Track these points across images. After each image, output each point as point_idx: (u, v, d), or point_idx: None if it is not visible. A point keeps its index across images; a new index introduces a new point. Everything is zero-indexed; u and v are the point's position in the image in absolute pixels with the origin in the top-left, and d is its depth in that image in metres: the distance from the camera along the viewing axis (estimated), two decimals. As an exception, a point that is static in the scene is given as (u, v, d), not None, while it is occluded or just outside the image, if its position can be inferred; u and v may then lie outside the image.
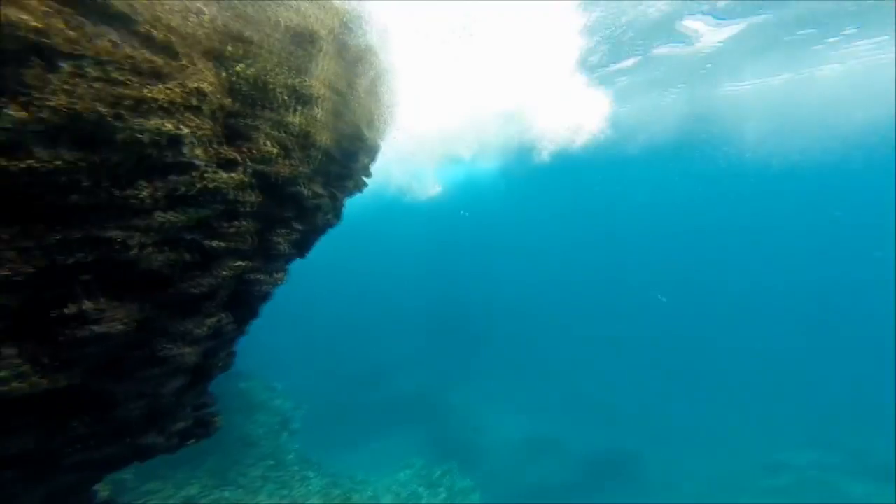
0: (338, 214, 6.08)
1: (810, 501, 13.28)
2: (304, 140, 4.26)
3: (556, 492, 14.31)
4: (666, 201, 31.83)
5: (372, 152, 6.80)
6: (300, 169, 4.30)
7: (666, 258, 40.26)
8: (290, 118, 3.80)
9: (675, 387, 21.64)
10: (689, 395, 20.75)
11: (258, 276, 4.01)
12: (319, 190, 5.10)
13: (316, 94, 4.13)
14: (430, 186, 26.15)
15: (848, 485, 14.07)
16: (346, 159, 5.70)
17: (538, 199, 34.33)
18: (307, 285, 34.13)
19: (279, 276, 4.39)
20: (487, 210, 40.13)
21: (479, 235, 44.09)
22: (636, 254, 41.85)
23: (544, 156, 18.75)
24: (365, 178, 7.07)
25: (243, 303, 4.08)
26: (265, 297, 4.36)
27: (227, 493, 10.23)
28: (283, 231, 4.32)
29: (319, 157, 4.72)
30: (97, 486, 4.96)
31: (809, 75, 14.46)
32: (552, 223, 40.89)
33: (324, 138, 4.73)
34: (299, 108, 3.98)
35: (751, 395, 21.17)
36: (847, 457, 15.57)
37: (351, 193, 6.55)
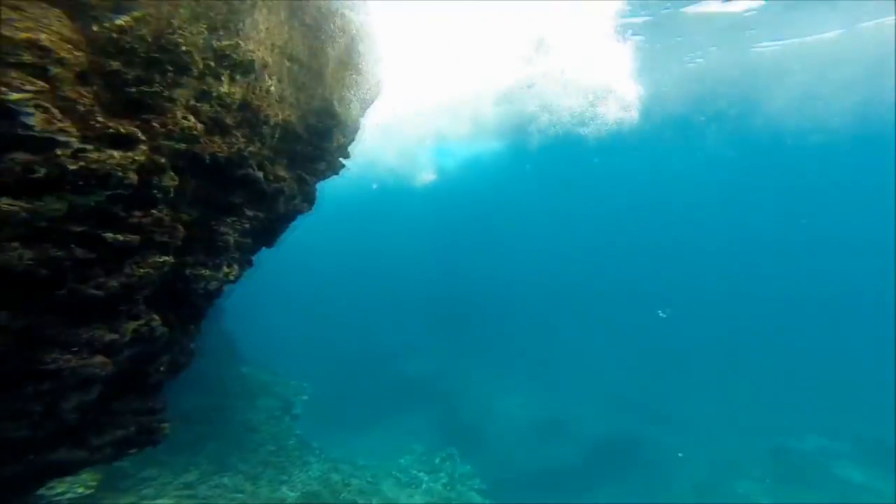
0: (309, 199, 5.46)
1: (812, 487, 12.81)
2: (250, 115, 3.66)
3: (558, 476, 14.12)
4: (675, 182, 30.14)
5: (349, 131, 6.05)
6: (249, 149, 3.71)
7: (672, 242, 38.95)
8: (221, 88, 3.19)
9: (680, 371, 21.06)
10: (693, 380, 20.19)
11: (200, 272, 3.50)
12: (282, 173, 4.52)
13: (259, 61, 3.49)
14: (426, 170, 25.32)
15: (850, 471, 13.54)
16: (315, 139, 5.07)
17: (545, 181, 33.01)
18: (313, 270, 34.25)
19: (230, 270, 3.87)
20: (494, 192, 38.95)
21: (486, 219, 43.21)
22: (643, 237, 40.60)
23: (549, 134, 17.72)
24: (342, 160, 6.43)
25: (184, 302, 3.59)
26: (213, 294, 3.87)
27: (226, 480, 10.16)
28: (231, 220, 3.77)
29: (275, 135, 4.12)
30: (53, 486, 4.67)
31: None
32: (559, 206, 39.68)
33: (281, 114, 4.12)
34: (236, 76, 3.35)
35: (756, 380, 20.53)
36: (850, 443, 15.01)
37: (325, 176, 5.94)
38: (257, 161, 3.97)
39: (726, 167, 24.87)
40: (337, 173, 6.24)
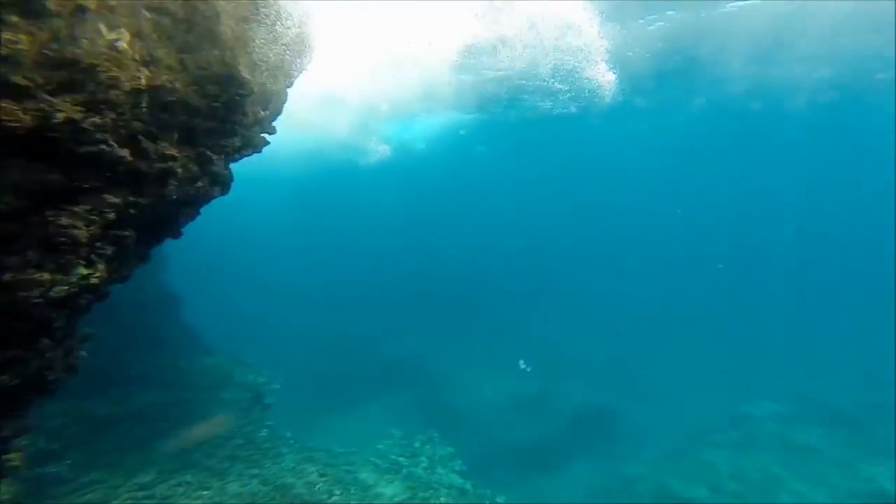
0: (220, 181, 4.57)
1: (766, 451, 13.58)
2: (81, 76, 2.79)
3: (537, 450, 14.27)
4: (646, 152, 29.96)
5: (270, 102, 5.19)
6: (91, 120, 2.86)
7: (638, 217, 39.99)
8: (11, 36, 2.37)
9: (650, 344, 21.79)
10: (662, 352, 20.95)
11: (35, 277, 2.71)
12: (171, 150, 3.66)
13: (85, 6, 2.65)
14: (384, 144, 24.07)
15: (802, 433, 14.48)
16: (221, 111, 4.14)
17: (515, 154, 32.12)
18: (282, 254, 32.50)
19: (90, 271, 3.07)
20: (465, 170, 37.91)
21: (459, 195, 42.39)
22: (613, 212, 41.40)
23: (519, 102, 16.91)
24: (266, 136, 5.48)
25: (15, 316, 2.79)
26: (59, 305, 3.04)
27: (188, 477, 9.23)
28: (82, 209, 2.95)
29: (143, 104, 3.26)
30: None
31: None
32: (529, 181, 39.32)
33: (152, 78, 3.24)
34: (39, 25, 2.50)
35: (714, 351, 21.60)
36: (800, 406, 16.04)
37: (242, 154, 4.98)
38: (118, 136, 3.10)
39: (694, 135, 25.12)
40: (258, 150, 5.40)
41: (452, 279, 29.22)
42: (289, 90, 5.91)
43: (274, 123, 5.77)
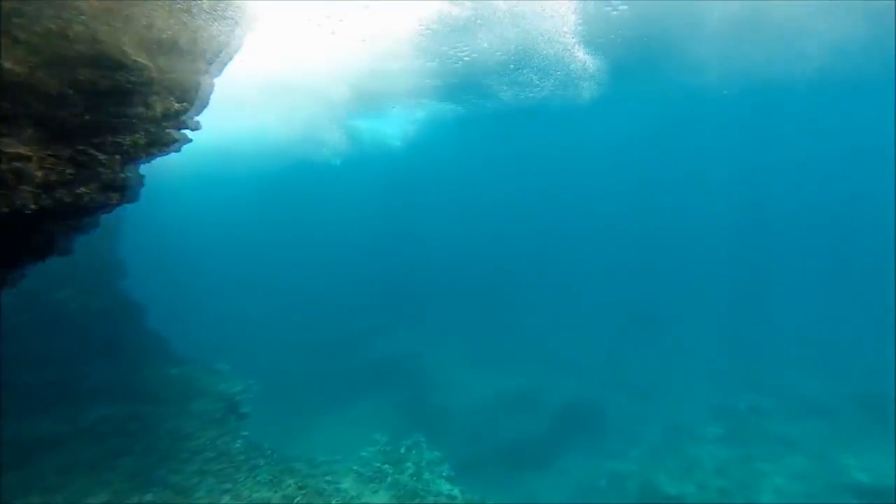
0: (116, 187, 3.73)
1: (749, 443, 13.62)
2: None
3: (525, 448, 13.95)
4: (625, 140, 29.64)
5: (185, 91, 4.24)
6: None
7: (623, 211, 40.21)
8: None
9: (635, 339, 21.80)
10: (647, 347, 20.99)
11: None
12: (21, 150, 2.96)
13: None
14: (347, 139, 23.14)
15: (782, 425, 14.62)
16: (106, 102, 3.39)
17: (491, 147, 31.32)
18: (258, 255, 31.13)
19: None
20: (447, 164, 37.05)
21: (436, 192, 41.65)
22: (594, 204, 41.45)
23: (499, 93, 16.20)
24: (181, 133, 4.48)
25: None
26: None
27: (149, 496, 8.31)
28: None
29: None
30: None
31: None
32: (506, 173, 38.87)
33: None
34: None
35: (696, 343, 21.78)
36: (779, 398, 16.21)
37: (149, 155, 4.08)
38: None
39: (674, 130, 25.02)
40: (175, 150, 4.47)
41: (436, 276, 28.64)
42: (216, 78, 4.78)
43: (199, 118, 4.72)
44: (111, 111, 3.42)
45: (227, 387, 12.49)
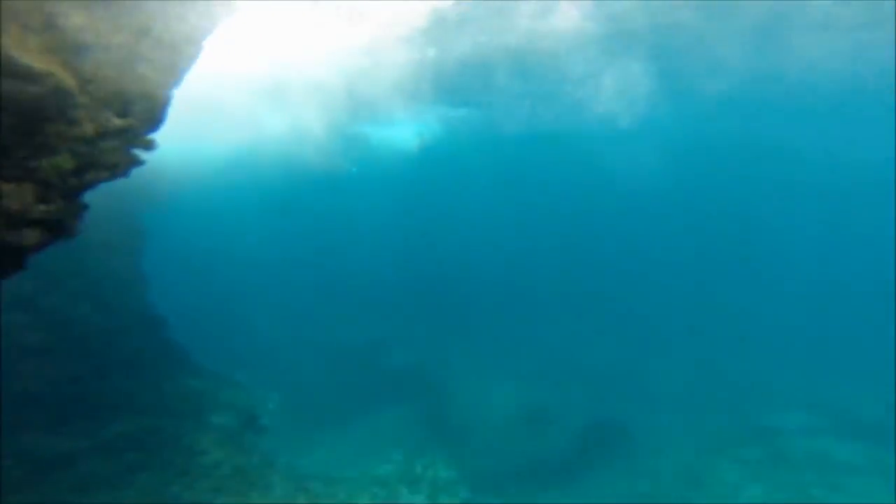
0: (31, 221, 3.04)
1: (798, 467, 12.21)
2: None
3: (545, 467, 13.02)
4: (658, 150, 28.06)
5: (127, 106, 3.47)
6: None
7: (648, 219, 38.39)
8: None
9: (664, 352, 20.40)
10: (676, 360, 19.57)
11: None
12: None
13: None
14: (362, 149, 22.54)
15: (835, 447, 13.07)
16: (13, 119, 2.74)
17: (514, 156, 30.36)
18: (276, 267, 31.45)
19: None
20: (464, 173, 36.31)
21: (459, 200, 40.97)
22: (621, 214, 39.76)
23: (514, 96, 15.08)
24: (130, 153, 3.70)
25: None
26: None
27: (163, 516, 8.14)
28: None
29: None
30: None
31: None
32: (529, 183, 37.75)
33: None
34: None
35: (734, 357, 20.15)
36: (833, 418, 14.60)
37: (83, 180, 3.34)
38: None
39: (701, 133, 23.16)
40: (121, 174, 3.68)
41: (455, 286, 28.03)
42: (175, 88, 3.98)
43: (154, 136, 3.92)
44: (24, 130, 2.77)
45: (246, 399, 12.35)
